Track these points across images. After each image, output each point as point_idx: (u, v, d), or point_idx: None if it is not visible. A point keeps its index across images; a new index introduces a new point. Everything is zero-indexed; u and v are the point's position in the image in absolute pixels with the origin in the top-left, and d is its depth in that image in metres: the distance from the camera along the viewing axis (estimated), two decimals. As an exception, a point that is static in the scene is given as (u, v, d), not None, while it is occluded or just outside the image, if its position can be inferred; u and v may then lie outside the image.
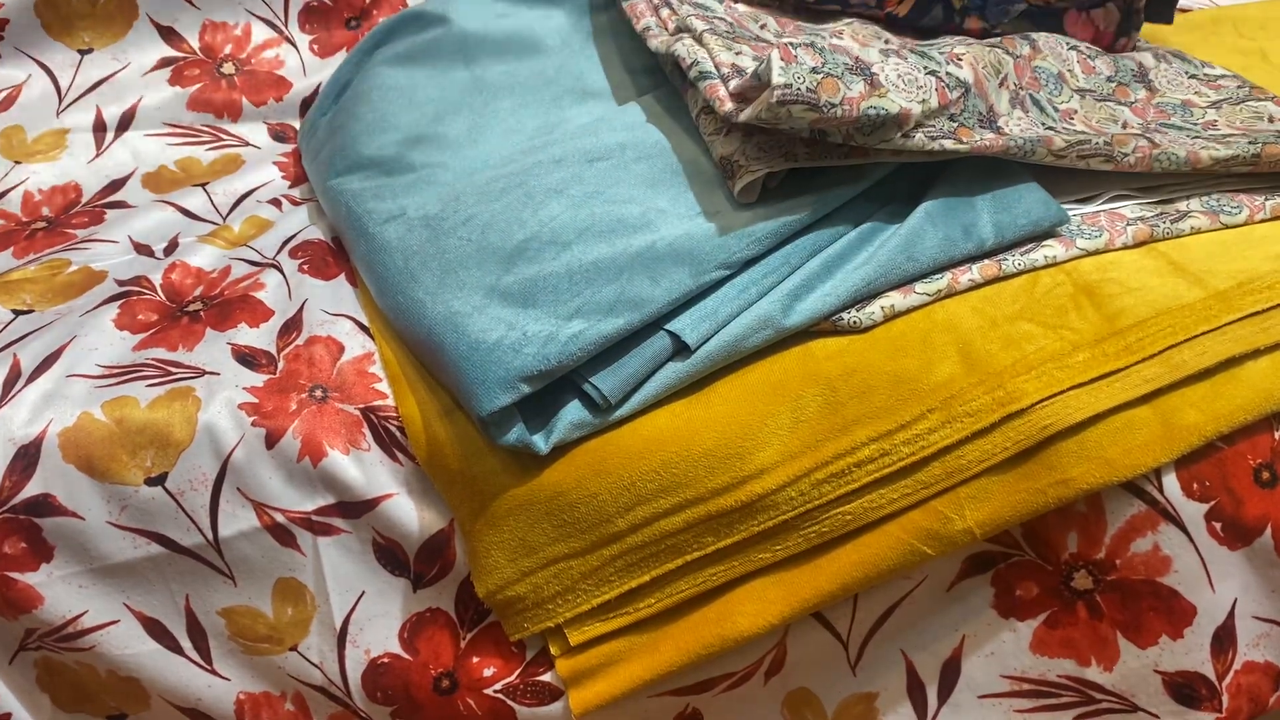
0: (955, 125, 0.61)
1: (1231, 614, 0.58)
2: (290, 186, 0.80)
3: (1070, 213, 0.64)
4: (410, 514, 0.60)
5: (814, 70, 0.57)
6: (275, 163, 0.81)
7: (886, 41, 0.74)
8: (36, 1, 0.82)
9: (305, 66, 0.87)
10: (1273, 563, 0.58)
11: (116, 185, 0.80)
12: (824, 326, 0.60)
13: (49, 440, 0.59)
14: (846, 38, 0.66)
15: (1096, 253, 0.62)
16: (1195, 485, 0.57)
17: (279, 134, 0.85)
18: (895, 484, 0.57)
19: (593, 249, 0.59)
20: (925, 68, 0.61)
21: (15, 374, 0.62)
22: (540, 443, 0.56)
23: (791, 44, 0.58)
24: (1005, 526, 0.57)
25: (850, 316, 0.59)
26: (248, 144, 0.84)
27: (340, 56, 0.86)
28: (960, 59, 0.63)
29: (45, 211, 0.79)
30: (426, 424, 0.59)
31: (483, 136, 0.70)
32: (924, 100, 0.59)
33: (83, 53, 0.85)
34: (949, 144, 0.60)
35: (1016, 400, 0.56)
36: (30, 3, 0.82)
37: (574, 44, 0.76)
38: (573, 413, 0.57)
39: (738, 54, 0.64)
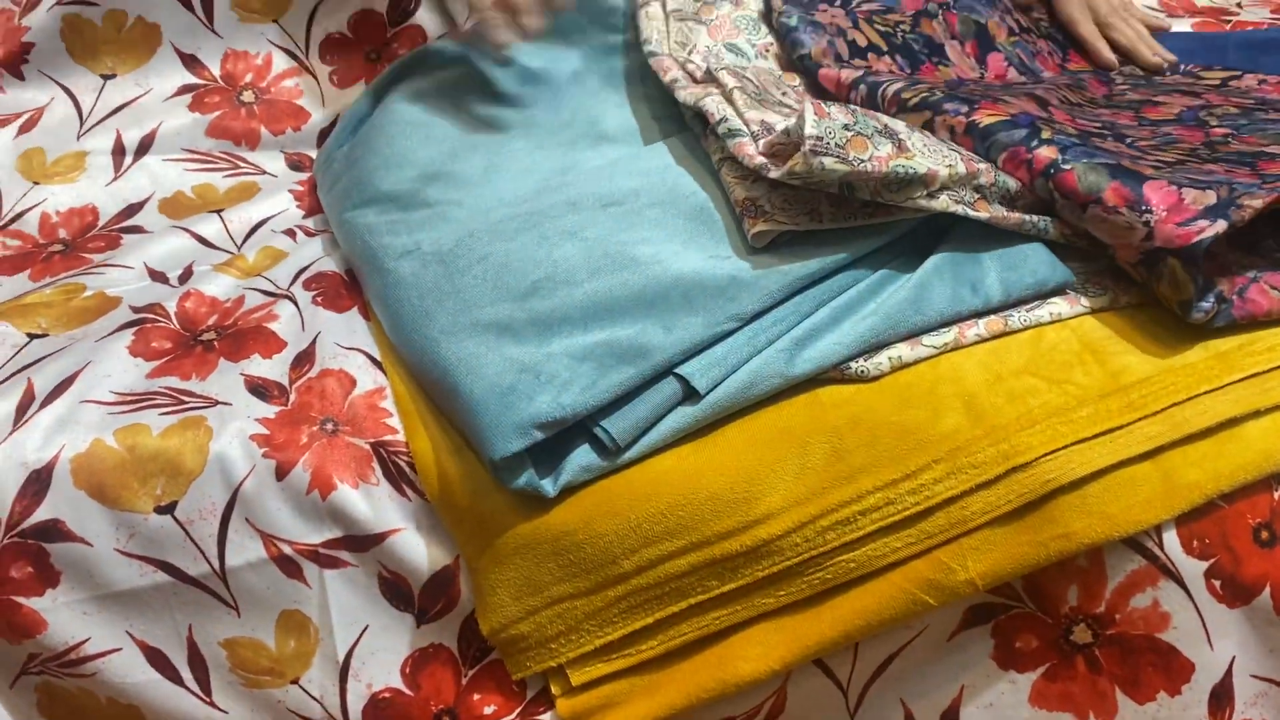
0: (977, 197, 0.62)
1: (1229, 672, 0.59)
2: (305, 217, 0.80)
3: (1076, 270, 0.65)
4: (417, 549, 0.60)
5: (845, 127, 0.58)
6: (290, 191, 0.82)
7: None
8: (62, 26, 0.83)
9: (324, 97, 0.88)
10: (1271, 621, 0.58)
11: (133, 209, 0.81)
12: (832, 375, 0.60)
13: (61, 465, 0.59)
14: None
15: (1101, 310, 0.63)
16: (1195, 543, 0.58)
17: (295, 163, 0.86)
18: (899, 533, 0.57)
19: (606, 294, 0.60)
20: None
21: (29, 399, 0.62)
22: (549, 486, 0.56)
23: (824, 102, 0.59)
24: (1007, 578, 0.57)
25: (858, 366, 0.60)
26: (264, 172, 0.85)
27: (359, 88, 0.87)
28: None
29: (62, 234, 0.79)
30: (437, 460, 0.60)
31: (498, 175, 0.71)
32: (950, 165, 0.61)
33: (105, 78, 0.86)
34: (970, 212, 0.62)
35: (1021, 454, 0.57)
36: (56, 28, 0.83)
37: (590, 86, 0.77)
38: (582, 455, 0.57)
39: (764, 114, 0.65)
